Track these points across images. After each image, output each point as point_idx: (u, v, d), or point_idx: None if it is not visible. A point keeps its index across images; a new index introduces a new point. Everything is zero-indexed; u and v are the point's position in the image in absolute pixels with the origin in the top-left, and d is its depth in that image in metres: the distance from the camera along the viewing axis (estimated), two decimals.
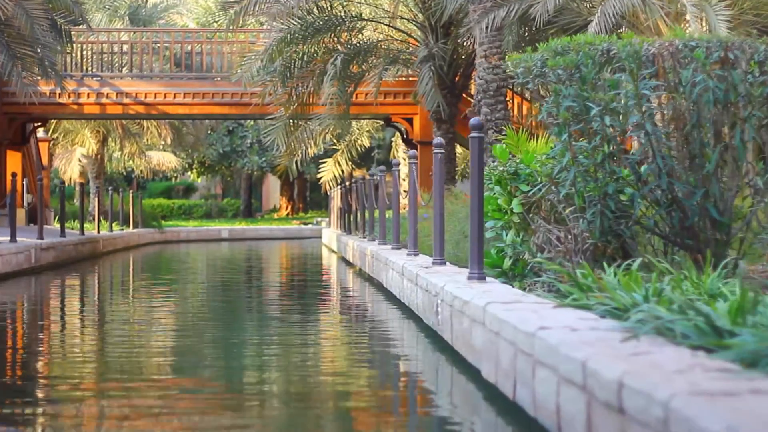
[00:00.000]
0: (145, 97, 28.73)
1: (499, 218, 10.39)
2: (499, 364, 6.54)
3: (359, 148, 36.67)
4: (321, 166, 40.20)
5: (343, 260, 25.77)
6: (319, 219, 52.22)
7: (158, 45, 30.29)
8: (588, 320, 5.92)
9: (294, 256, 31.90)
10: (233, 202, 65.58)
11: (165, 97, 28.75)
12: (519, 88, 27.59)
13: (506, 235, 10.30)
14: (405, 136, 30.84)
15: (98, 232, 30.78)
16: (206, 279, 20.67)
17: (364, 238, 23.53)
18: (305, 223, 50.90)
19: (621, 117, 8.71)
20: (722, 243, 8.85)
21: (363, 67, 25.04)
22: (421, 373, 8.24)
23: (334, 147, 36.71)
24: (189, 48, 30.35)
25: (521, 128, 13.71)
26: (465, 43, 25.72)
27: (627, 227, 8.98)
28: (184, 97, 28.67)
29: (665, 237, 9.00)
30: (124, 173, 55.88)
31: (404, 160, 35.93)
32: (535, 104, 13.68)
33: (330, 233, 35.13)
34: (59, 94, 28.06)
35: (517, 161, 10.24)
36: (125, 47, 31.03)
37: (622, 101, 8.76)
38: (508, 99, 22.19)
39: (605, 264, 8.51)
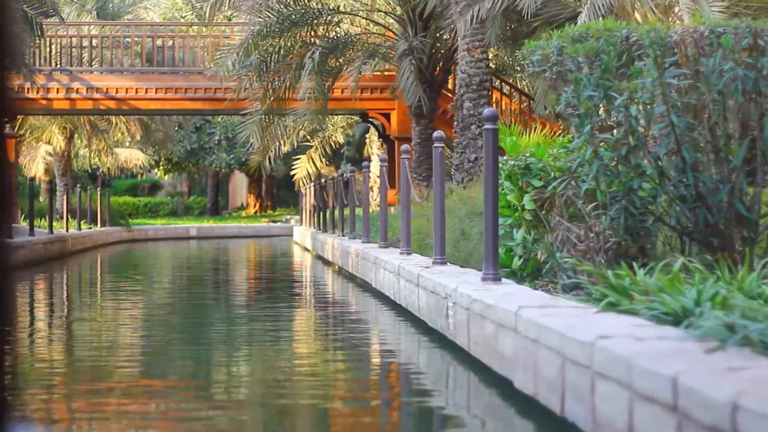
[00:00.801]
0: (116, 92, 28.04)
1: (509, 215, 9.85)
2: (539, 374, 6.00)
3: (333, 145, 36.05)
4: (294, 163, 39.58)
5: (320, 258, 25.20)
6: (288, 217, 51.56)
7: (129, 39, 29.59)
8: (645, 327, 5.38)
9: (266, 254, 31.29)
10: (200, 199, 64.82)
11: (136, 92, 28.08)
12: (498, 83, 27.10)
13: (516, 233, 9.77)
14: (381, 132, 30.27)
15: (67, 230, 30.06)
16: (179, 281, 20.02)
17: (344, 236, 22.95)
18: (274, 221, 50.22)
19: (644, 108, 8.19)
20: (749, 241, 8.34)
21: (341, 60, 24.45)
22: (434, 383, 7.68)
23: (308, 143, 36.08)
24: (161, 42, 29.67)
25: (513, 123, 13.20)
26: (444, 37, 25.19)
27: (650, 225, 8.47)
28: (156, 92, 28.00)
29: (688, 235, 8.49)
30: (89, 170, 55.03)
31: (378, 156, 35.44)
32: (551, 95, 13.20)
33: (303, 231, 34.51)
34: (28, 88, 27.35)
35: (527, 155, 9.69)
36: (95, 41, 30.31)
37: (643, 92, 8.23)
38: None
39: (626, 264, 8.00)
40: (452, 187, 18.37)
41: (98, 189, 36.55)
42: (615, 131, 8.28)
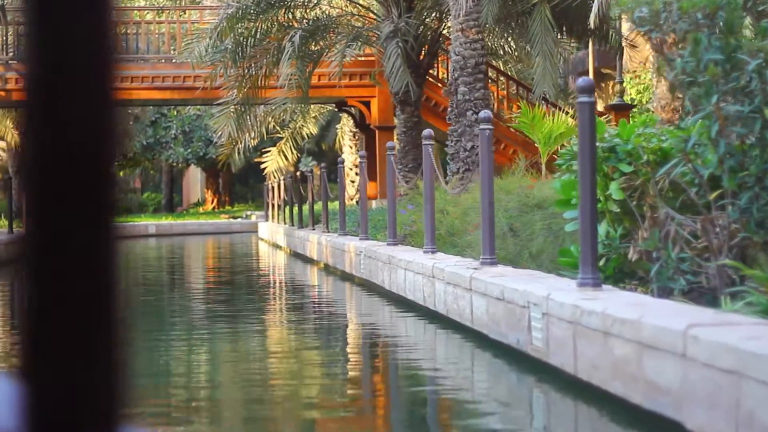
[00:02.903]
0: None
1: None
2: (739, 416, 4.48)
3: (306, 136, 34.27)
4: (256, 157, 38.00)
5: (298, 256, 23.66)
6: (249, 212, 49.82)
7: None
8: None
9: (235, 252, 29.79)
10: (153, 196, 62.90)
11: None
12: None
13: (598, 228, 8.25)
14: (357, 122, 28.68)
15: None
16: (147, 286, 18.40)
17: (330, 232, 21.38)
18: (234, 217, 48.52)
19: None
20: None
21: (321, 44, 22.81)
22: (550, 420, 6.17)
23: (278, 135, 34.30)
24: (125, 29, 27.75)
25: (502, 110, 11.75)
26: (431, 17, 23.66)
27: None
28: (121, 82, 25.89)
29: None
30: None
31: (351, 147, 33.81)
32: (658, 59, 11.94)
33: (272, 227, 32.88)
34: None
35: (612, 135, 8.15)
36: None
37: None
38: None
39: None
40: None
41: None
42: (744, 103, 6.78)
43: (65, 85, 0.79)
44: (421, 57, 23.62)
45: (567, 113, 19.37)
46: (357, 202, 23.21)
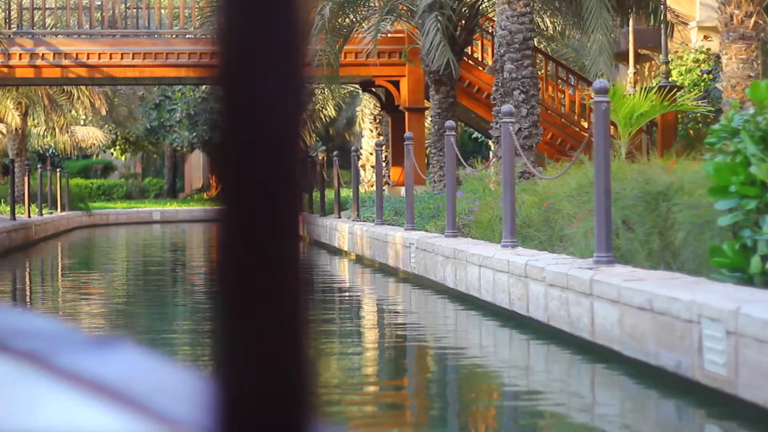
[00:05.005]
0: (88, 58, 24.26)
1: (755, 195, 6.72)
2: None
3: (324, 119, 32.57)
4: None
5: (319, 246, 22.10)
6: None
7: None
8: None
9: None
10: (155, 181, 61.05)
11: (111, 57, 24.28)
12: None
13: (765, 221, 6.66)
14: (384, 103, 27.02)
15: (29, 216, 26.66)
16: (163, 280, 16.90)
17: (362, 220, 19.79)
18: None
19: None
20: None
21: (352, 18, 21.16)
22: None
23: None
24: (137, 2, 25.96)
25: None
26: None
27: None
28: (133, 58, 24.26)
29: None
30: (41, 150, 51.37)
31: (371, 131, 32.20)
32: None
33: None
34: None
35: None
36: (61, 1, 26.70)
37: None
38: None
39: None
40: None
41: (49, 170, 33.18)
42: None
43: (260, 61, 0.79)
44: (457, 33, 22.00)
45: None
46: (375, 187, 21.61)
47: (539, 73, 24.89)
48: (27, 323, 1.23)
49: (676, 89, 21.59)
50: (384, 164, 22.52)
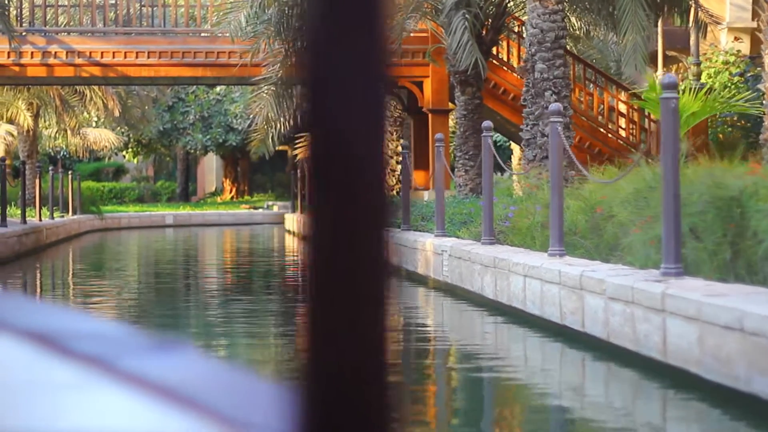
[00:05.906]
0: (102, 57, 23.55)
1: None
2: None
3: None
4: (290, 143, 35.77)
5: None
6: (271, 203, 47.50)
7: None
8: None
9: (265, 247, 27.67)
10: (168, 184, 60.35)
11: (125, 56, 23.56)
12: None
13: None
14: (405, 104, 26.28)
15: (40, 220, 25.99)
16: (183, 290, 16.23)
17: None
18: (255, 208, 46.25)
19: None
20: None
21: None
22: None
23: None
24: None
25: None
26: None
27: None
28: (148, 57, 23.54)
29: None
30: (51, 153, 50.70)
31: (391, 134, 31.48)
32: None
33: (302, 219, 30.60)
34: None
35: None
36: None
37: None
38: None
39: None
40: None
41: (61, 173, 32.51)
42: None
43: (343, 65, 0.79)
44: (484, 32, 21.28)
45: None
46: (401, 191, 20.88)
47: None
48: (87, 326, 1.21)
49: (708, 92, 20.86)
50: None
